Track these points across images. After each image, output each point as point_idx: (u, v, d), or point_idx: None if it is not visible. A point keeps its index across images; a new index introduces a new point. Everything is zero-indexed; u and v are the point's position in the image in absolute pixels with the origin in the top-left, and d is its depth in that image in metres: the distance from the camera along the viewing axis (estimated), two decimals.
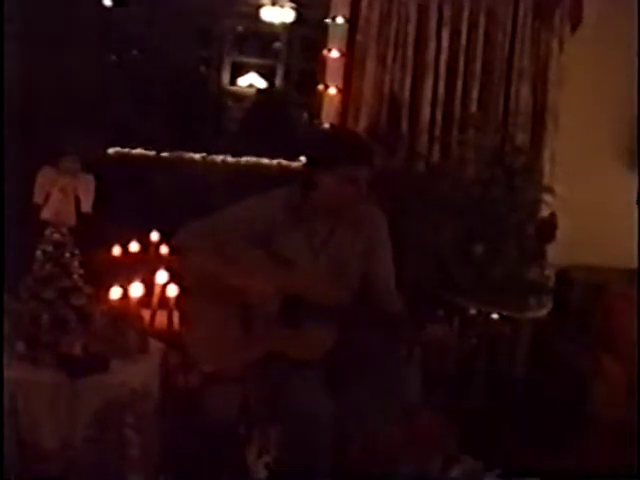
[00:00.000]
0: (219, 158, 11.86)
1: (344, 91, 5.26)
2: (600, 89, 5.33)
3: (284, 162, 11.09)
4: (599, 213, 5.21)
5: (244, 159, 11.96)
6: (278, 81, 16.67)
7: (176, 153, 11.54)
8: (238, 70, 16.70)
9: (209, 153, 11.88)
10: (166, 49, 15.76)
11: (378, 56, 5.14)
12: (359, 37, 5.19)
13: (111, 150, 10.79)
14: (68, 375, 3.67)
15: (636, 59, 5.27)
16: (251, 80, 16.64)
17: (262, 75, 16.61)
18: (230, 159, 11.92)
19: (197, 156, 11.72)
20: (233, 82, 16.89)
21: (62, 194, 4.05)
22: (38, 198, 4.09)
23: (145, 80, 14.63)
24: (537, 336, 5.06)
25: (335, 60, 5.33)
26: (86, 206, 4.10)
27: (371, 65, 5.15)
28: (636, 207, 5.33)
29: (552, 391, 4.65)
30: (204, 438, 4.18)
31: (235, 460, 4.05)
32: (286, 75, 16.51)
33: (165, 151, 11.47)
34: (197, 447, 4.12)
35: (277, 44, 16.79)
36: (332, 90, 5.32)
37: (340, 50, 5.30)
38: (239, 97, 16.29)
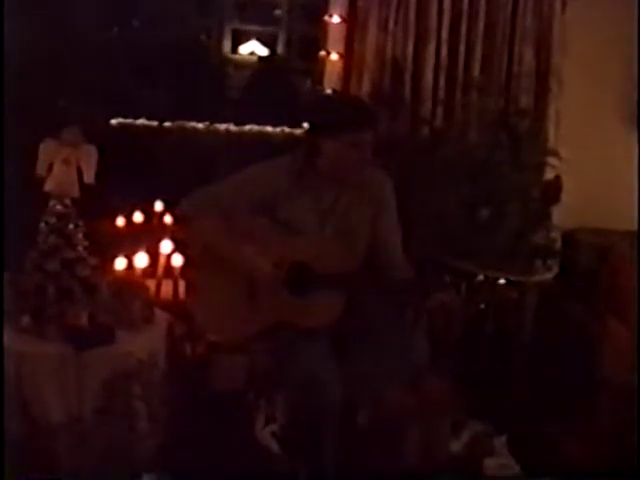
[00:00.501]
0: (222, 127, 11.85)
1: (346, 57, 5.22)
2: (604, 50, 5.27)
3: (288, 129, 11.07)
4: (604, 175, 5.18)
5: (247, 127, 11.95)
6: (280, 48, 16.61)
7: (179, 123, 11.52)
8: (239, 38, 16.63)
9: (212, 122, 11.87)
10: (167, 18, 15.71)
11: (380, 21, 5.08)
12: (360, 2, 5.14)
13: (114, 121, 10.77)
14: (74, 347, 3.67)
15: None
16: (252, 48, 16.57)
17: (263, 42, 16.54)
18: (233, 127, 11.90)
19: (200, 125, 11.70)
20: (234, 50, 16.83)
21: (64, 165, 4.04)
22: (41, 170, 4.08)
23: (146, 50, 14.59)
24: (544, 299, 5.05)
25: (336, 26, 5.28)
26: (89, 177, 4.09)
27: (373, 30, 5.09)
28: None
29: (559, 354, 4.64)
30: (211, 407, 4.19)
31: (242, 429, 4.06)
32: (288, 42, 16.44)
33: (168, 121, 11.46)
34: (204, 416, 4.12)
35: (278, 11, 16.71)
36: (334, 56, 5.27)
37: (341, 15, 5.25)
38: (241, 65, 16.23)
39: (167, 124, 11.38)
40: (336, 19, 5.26)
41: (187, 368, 4.20)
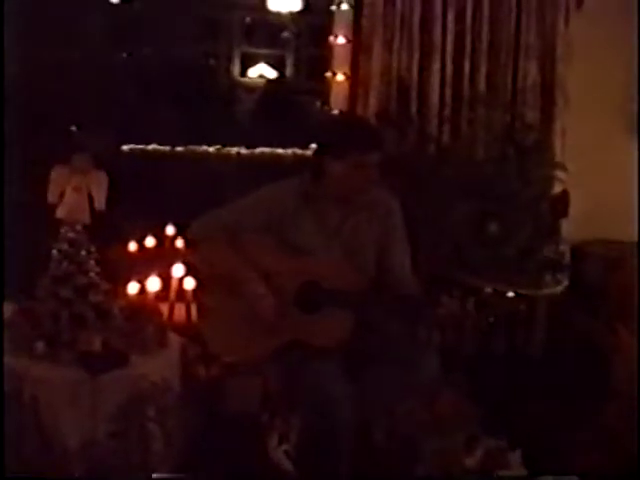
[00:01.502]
0: (233, 150, 11.86)
1: (352, 77, 5.26)
2: (608, 63, 5.30)
3: (298, 151, 11.08)
4: (611, 187, 5.20)
5: (258, 150, 11.96)
6: (288, 70, 16.64)
7: (190, 147, 11.55)
8: (248, 61, 16.68)
9: (223, 146, 11.88)
10: (176, 44, 15.78)
11: (384, 40, 5.13)
12: (364, 22, 5.19)
13: (125, 147, 10.81)
14: (88, 372, 3.69)
15: None
16: (261, 71, 16.61)
17: (272, 65, 16.58)
18: (244, 151, 11.91)
19: (211, 149, 11.72)
20: (243, 73, 16.88)
21: (75, 192, 4.09)
22: (52, 197, 4.12)
23: (157, 75, 14.65)
24: (554, 312, 5.05)
25: (342, 46, 5.34)
26: (100, 203, 4.14)
27: (378, 49, 5.14)
28: None
29: (571, 366, 4.65)
30: (225, 428, 4.20)
31: (256, 449, 4.07)
32: (296, 64, 16.48)
33: (179, 145, 11.48)
34: (218, 438, 4.14)
35: (285, 34, 16.75)
36: (340, 76, 5.32)
37: (346, 36, 5.30)
38: (250, 88, 16.27)
39: (178, 149, 11.40)
40: (341, 40, 5.31)
41: (201, 390, 4.21)
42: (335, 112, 5.34)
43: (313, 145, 3.91)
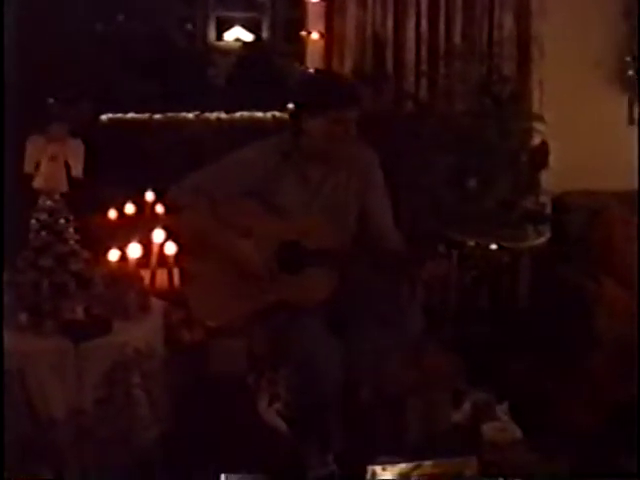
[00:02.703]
0: (213, 115, 11.81)
1: (327, 35, 5.23)
2: (584, 13, 5.27)
3: (278, 114, 11.04)
4: (590, 137, 5.17)
5: (238, 114, 11.91)
6: (264, 33, 16.53)
7: (169, 114, 11.49)
8: (223, 25, 16.55)
9: (202, 111, 11.82)
10: (151, 10, 15.67)
11: None
12: None
13: (103, 117, 10.75)
14: (72, 340, 3.69)
15: None
16: (237, 34, 16.49)
17: (247, 28, 16.46)
18: (224, 115, 11.86)
19: (190, 115, 11.66)
20: (219, 37, 16.76)
21: (52, 161, 4.04)
22: (29, 167, 4.09)
23: (132, 44, 14.56)
24: (538, 264, 5.07)
25: (316, 5, 5.29)
26: (76, 171, 4.09)
27: (352, 7, 5.09)
28: (628, 128, 5.33)
29: (556, 318, 4.66)
30: (213, 391, 4.21)
31: (247, 410, 4.08)
32: (272, 26, 16.37)
33: (158, 113, 11.42)
34: (207, 401, 4.14)
35: None
36: (315, 35, 5.28)
37: None
38: (226, 52, 16.17)
39: (157, 116, 11.34)
40: None
41: (186, 354, 4.21)
42: (311, 70, 5.31)
43: (290, 105, 3.88)
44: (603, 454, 3.80)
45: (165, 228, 4.82)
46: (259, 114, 11.37)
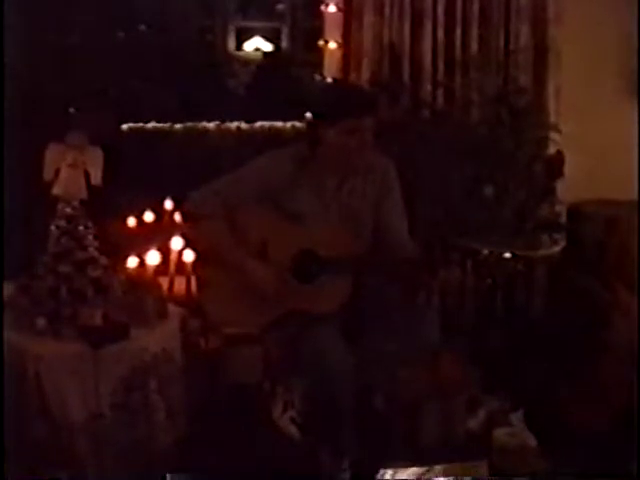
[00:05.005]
0: (233, 125, 11.84)
1: (344, 45, 5.26)
2: (600, 23, 5.28)
3: (298, 124, 11.06)
4: (606, 146, 5.19)
5: (258, 124, 11.93)
6: (284, 43, 16.56)
7: (189, 124, 11.52)
8: (243, 35, 16.59)
9: (223, 121, 11.85)
10: (172, 21, 15.73)
11: (375, 6, 5.10)
12: None
13: (124, 126, 10.80)
14: (90, 345, 3.72)
15: None
16: (257, 44, 16.52)
17: (267, 38, 16.49)
18: (244, 125, 11.89)
19: (211, 125, 11.69)
20: (239, 47, 16.80)
21: (71, 169, 4.09)
22: (48, 175, 4.13)
23: (153, 54, 14.61)
24: (553, 273, 5.07)
25: (333, 14, 5.32)
26: (96, 179, 4.14)
27: (369, 16, 5.11)
28: None
29: (571, 326, 4.66)
30: (229, 398, 4.23)
31: (261, 417, 4.11)
32: (291, 36, 16.39)
33: (178, 122, 11.46)
34: (222, 407, 4.17)
35: (280, 6, 16.66)
36: (332, 44, 5.31)
37: (337, 4, 5.29)
38: (246, 62, 16.20)
39: (177, 126, 11.38)
40: (332, 8, 5.30)
41: (202, 361, 4.24)
42: (329, 80, 5.34)
43: (308, 114, 3.92)
44: (618, 461, 3.81)
45: (183, 236, 4.85)
46: (279, 124, 11.40)
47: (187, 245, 4.83)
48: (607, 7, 5.31)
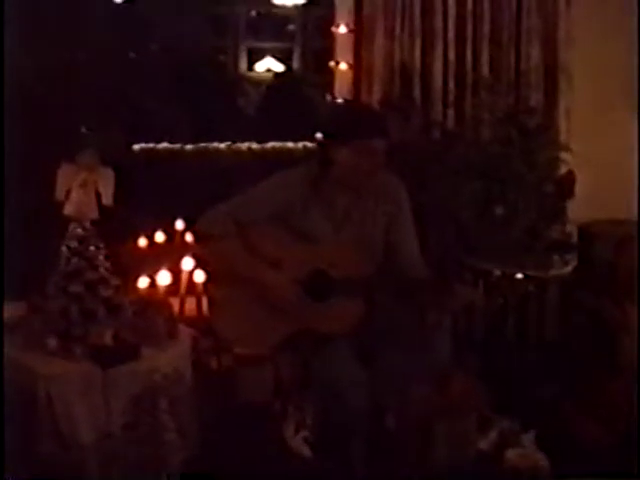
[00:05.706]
0: (244, 146, 11.86)
1: (355, 66, 5.27)
2: (611, 43, 5.28)
3: (309, 144, 11.08)
4: (616, 166, 5.19)
5: (269, 144, 11.96)
6: (295, 63, 16.62)
7: (201, 144, 11.55)
8: (254, 56, 16.66)
9: (234, 142, 11.88)
10: (182, 41, 15.80)
11: (386, 28, 5.12)
12: (366, 10, 5.19)
13: (136, 146, 10.84)
14: (100, 365, 3.72)
15: None
16: (268, 64, 16.58)
17: (278, 59, 16.55)
18: (255, 146, 11.91)
19: (222, 145, 11.72)
20: (251, 68, 16.87)
21: (82, 189, 4.09)
22: (59, 195, 4.14)
23: (165, 74, 14.66)
24: (564, 293, 5.06)
25: (344, 36, 5.34)
26: (107, 199, 4.14)
27: (380, 37, 5.13)
28: None
29: (581, 347, 4.66)
30: (240, 418, 4.23)
31: (274, 437, 4.10)
32: (302, 56, 16.44)
33: (190, 143, 11.49)
34: (234, 427, 4.17)
35: (291, 26, 16.71)
36: (343, 66, 5.33)
37: (348, 25, 5.30)
38: (258, 82, 16.24)
39: (189, 146, 11.40)
40: (343, 29, 5.32)
41: (213, 381, 4.24)
42: (340, 100, 5.35)
43: (319, 134, 3.92)
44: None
45: (194, 256, 4.85)
46: (290, 144, 11.43)
47: (198, 265, 4.84)
48: (617, 27, 5.30)
